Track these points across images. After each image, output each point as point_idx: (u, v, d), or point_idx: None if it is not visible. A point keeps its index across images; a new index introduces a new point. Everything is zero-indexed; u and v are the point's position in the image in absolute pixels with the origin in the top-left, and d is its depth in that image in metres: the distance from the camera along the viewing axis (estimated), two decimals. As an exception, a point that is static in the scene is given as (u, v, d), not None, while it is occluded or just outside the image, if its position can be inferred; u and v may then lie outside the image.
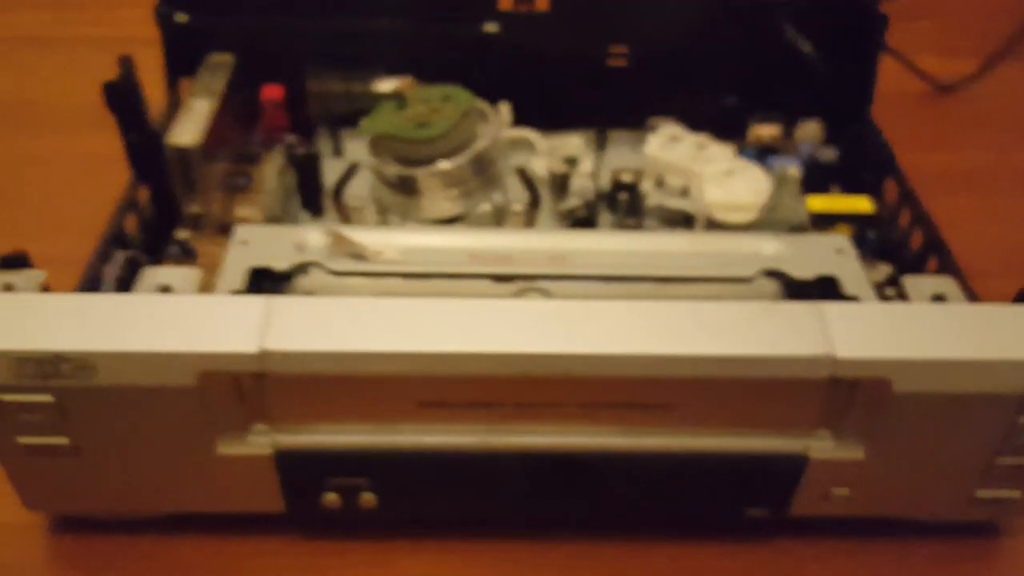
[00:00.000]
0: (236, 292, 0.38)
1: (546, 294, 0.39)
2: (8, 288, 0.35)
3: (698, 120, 0.54)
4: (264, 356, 0.32)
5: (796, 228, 0.46)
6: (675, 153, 0.50)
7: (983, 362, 0.33)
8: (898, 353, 0.33)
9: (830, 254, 0.40)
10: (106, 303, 0.34)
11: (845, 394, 0.34)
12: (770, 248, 0.41)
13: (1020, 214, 0.59)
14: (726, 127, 0.55)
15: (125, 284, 0.39)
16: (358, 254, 0.40)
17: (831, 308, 0.34)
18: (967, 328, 0.34)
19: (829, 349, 0.33)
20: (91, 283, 0.40)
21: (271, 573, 0.39)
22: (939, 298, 0.37)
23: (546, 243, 0.42)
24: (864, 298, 0.38)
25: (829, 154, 0.53)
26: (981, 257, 0.53)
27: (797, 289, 0.39)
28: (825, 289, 0.39)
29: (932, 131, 0.66)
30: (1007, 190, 0.61)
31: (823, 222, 0.47)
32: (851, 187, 0.52)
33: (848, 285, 0.38)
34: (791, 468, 0.36)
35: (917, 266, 0.45)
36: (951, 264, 0.43)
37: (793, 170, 0.48)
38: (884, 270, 0.45)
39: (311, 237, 0.41)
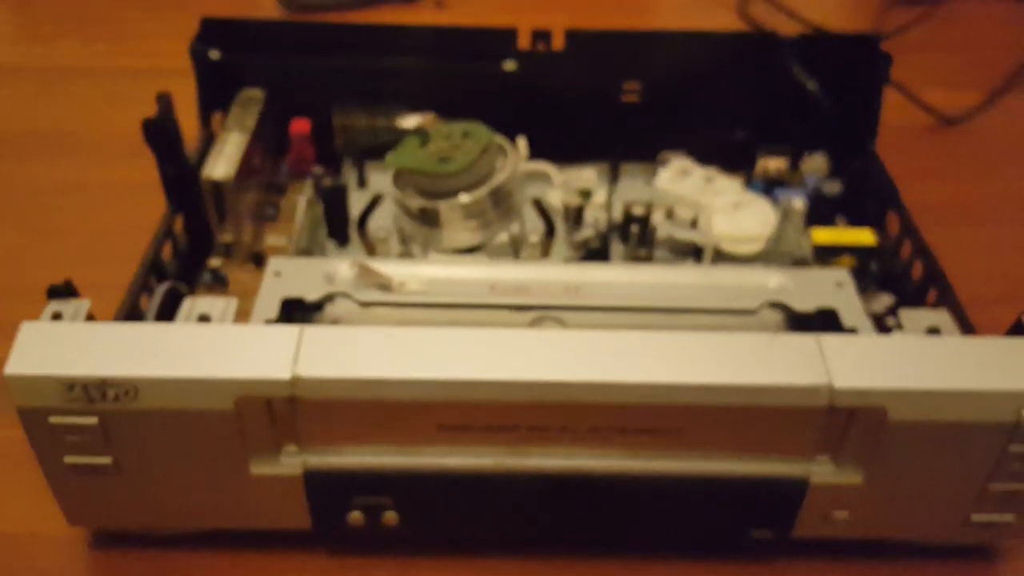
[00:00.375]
0: (270, 321, 0.40)
1: (561, 324, 0.42)
2: (56, 316, 0.37)
3: (707, 154, 0.57)
4: (296, 382, 0.35)
5: (800, 260, 0.48)
6: (685, 186, 0.53)
7: (974, 392, 0.35)
8: (893, 383, 0.35)
9: (831, 287, 0.42)
10: (149, 331, 0.36)
11: (843, 422, 0.36)
12: (774, 281, 0.43)
13: (1018, 244, 0.60)
14: (734, 160, 0.57)
15: (165, 312, 0.42)
16: (384, 285, 0.42)
17: (829, 340, 0.36)
18: (959, 360, 0.36)
19: (827, 379, 0.35)
20: (131, 310, 0.42)
21: (298, 586, 0.41)
22: (934, 330, 0.39)
23: (561, 275, 0.44)
24: (862, 330, 0.40)
25: (834, 187, 0.55)
26: (982, 286, 0.55)
27: (799, 321, 0.41)
28: (825, 321, 0.41)
29: (937, 163, 0.68)
30: (1009, 220, 0.62)
31: (827, 253, 0.49)
32: (856, 219, 0.54)
33: (847, 317, 0.40)
34: (793, 491, 0.38)
35: (918, 297, 0.47)
36: (950, 295, 0.44)
37: (798, 203, 0.50)
38: (886, 301, 0.47)
39: (340, 269, 0.43)
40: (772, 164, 0.57)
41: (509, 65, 0.55)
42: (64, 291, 0.39)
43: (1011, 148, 0.70)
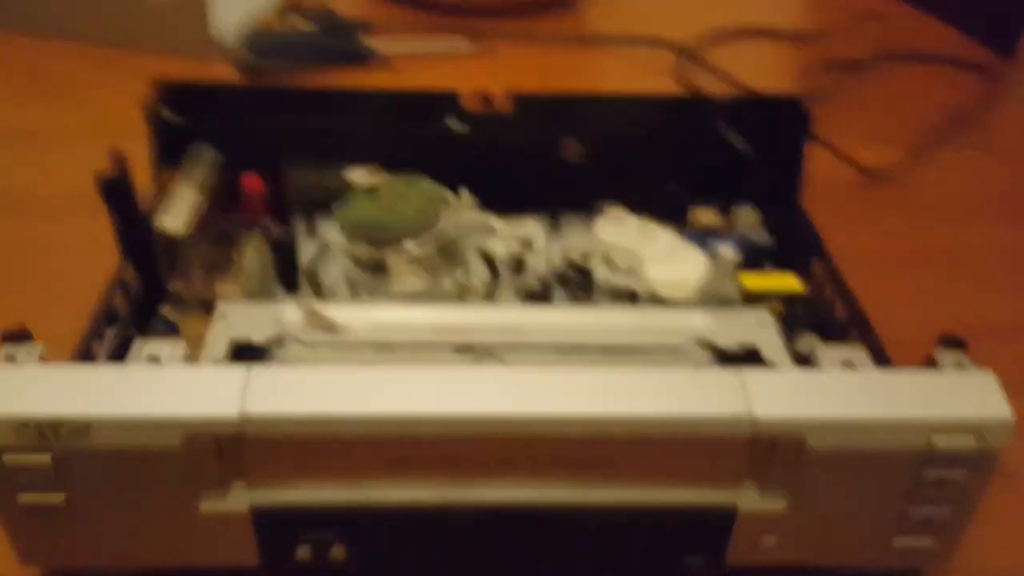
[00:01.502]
0: (218, 362, 0.41)
1: (501, 361, 0.43)
2: (10, 359, 0.39)
3: (643, 205, 0.59)
4: (244, 419, 0.36)
5: (729, 303, 0.50)
6: (622, 235, 0.55)
7: (887, 421, 0.37)
8: (810, 413, 0.37)
9: (753, 326, 0.44)
10: (100, 372, 0.38)
11: (765, 450, 0.38)
12: (700, 321, 0.45)
13: (940, 288, 0.64)
14: (669, 212, 0.60)
15: (116, 356, 0.43)
16: (330, 327, 0.44)
17: (751, 374, 0.38)
18: (873, 390, 0.38)
19: (748, 410, 0.37)
20: (84, 355, 0.43)
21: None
22: (848, 364, 0.42)
23: (502, 316, 0.46)
24: (782, 365, 0.42)
25: (763, 236, 0.57)
26: (903, 328, 0.58)
27: (724, 357, 0.44)
28: (748, 357, 0.43)
29: (864, 214, 0.71)
30: (931, 266, 0.66)
31: (757, 298, 0.52)
32: (783, 266, 0.57)
33: (768, 353, 0.43)
34: (722, 518, 0.40)
35: (841, 337, 0.49)
36: (870, 334, 0.47)
37: (728, 251, 0.52)
38: (810, 341, 0.50)
39: (287, 313, 0.45)
40: (704, 216, 0.59)
41: (454, 124, 0.57)
42: (18, 336, 0.40)
43: (934, 200, 0.74)
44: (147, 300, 0.51)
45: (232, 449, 0.38)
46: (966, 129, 0.84)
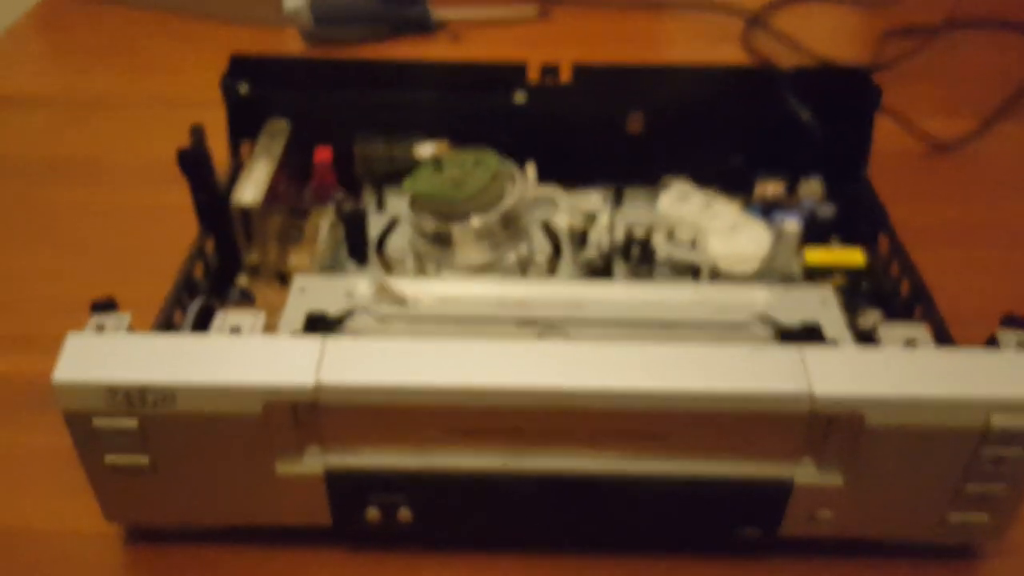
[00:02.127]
0: (295, 333, 0.43)
1: (564, 336, 0.45)
2: (100, 328, 0.41)
3: (707, 178, 0.60)
4: (319, 388, 0.38)
5: (791, 278, 0.51)
6: (685, 209, 0.56)
7: (946, 399, 0.38)
8: (869, 391, 0.38)
9: (815, 303, 0.45)
10: (185, 342, 0.40)
11: (824, 427, 0.39)
12: (762, 298, 0.46)
13: (1006, 265, 0.63)
14: (733, 185, 0.60)
15: (198, 325, 0.45)
16: (399, 301, 0.46)
17: (811, 351, 0.39)
18: (933, 369, 0.38)
19: (808, 387, 0.38)
20: (165, 323, 0.46)
21: (319, 579, 0.44)
22: (910, 342, 0.42)
23: (565, 291, 0.47)
24: (843, 343, 0.43)
25: (828, 210, 0.57)
26: (967, 305, 0.58)
27: (785, 334, 0.44)
28: (809, 334, 0.44)
29: (930, 187, 0.70)
30: (997, 243, 0.65)
31: (820, 272, 0.52)
32: (848, 240, 0.57)
33: (829, 331, 0.43)
34: (779, 492, 0.41)
35: (905, 313, 0.50)
36: (933, 311, 0.47)
37: (791, 225, 0.52)
38: (874, 317, 0.50)
39: (359, 286, 0.46)
40: (769, 188, 0.60)
41: (519, 97, 0.58)
42: (106, 305, 0.42)
43: (1002, 173, 0.72)
44: (224, 270, 0.53)
45: (308, 416, 0.39)
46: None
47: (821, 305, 0.45)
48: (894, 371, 0.38)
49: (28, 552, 0.45)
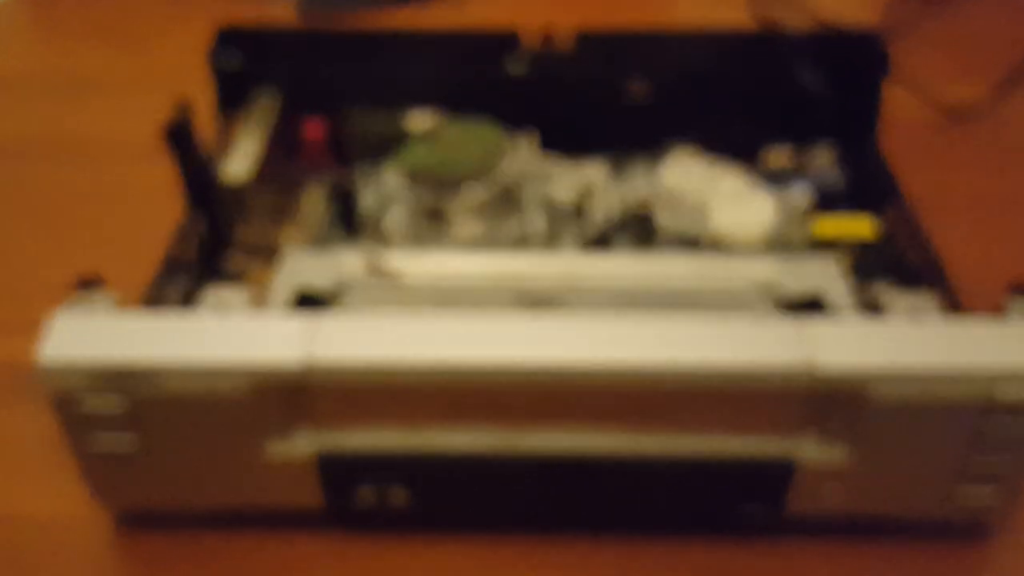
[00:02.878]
0: (284, 310, 0.42)
1: (560, 310, 0.44)
2: (84, 306, 0.40)
3: (713, 146, 0.58)
4: (308, 366, 0.37)
5: (797, 249, 0.49)
6: (688, 178, 0.54)
7: (950, 370, 0.36)
8: (872, 363, 0.36)
9: (818, 274, 0.44)
10: (169, 320, 0.39)
11: (826, 400, 0.38)
12: (765, 268, 0.44)
13: (1020, 236, 0.61)
14: (740, 153, 0.59)
15: (184, 302, 0.44)
16: (392, 276, 0.45)
17: (813, 322, 0.38)
18: (936, 340, 0.37)
19: (809, 358, 0.36)
20: (152, 301, 0.45)
21: (311, 563, 0.43)
22: (915, 313, 0.41)
23: (561, 264, 0.46)
24: (846, 313, 0.41)
25: (837, 178, 0.56)
26: (981, 274, 0.56)
27: (787, 305, 0.43)
28: (812, 306, 0.42)
29: (943, 155, 0.69)
30: (1012, 212, 0.63)
31: (828, 243, 0.51)
32: (858, 208, 0.55)
33: (833, 301, 0.42)
34: (782, 468, 0.40)
35: (916, 283, 0.48)
36: (944, 282, 0.46)
37: (799, 194, 0.51)
38: (882, 288, 0.49)
39: (349, 260, 0.45)
40: (777, 157, 0.58)
41: (515, 66, 0.57)
42: (92, 283, 0.41)
43: (1019, 141, 0.71)
44: (212, 246, 0.52)
45: (297, 394, 0.38)
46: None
47: (824, 275, 0.44)
48: (897, 342, 0.37)
49: (17, 537, 0.44)
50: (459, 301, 0.44)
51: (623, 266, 0.46)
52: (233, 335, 0.38)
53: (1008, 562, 0.43)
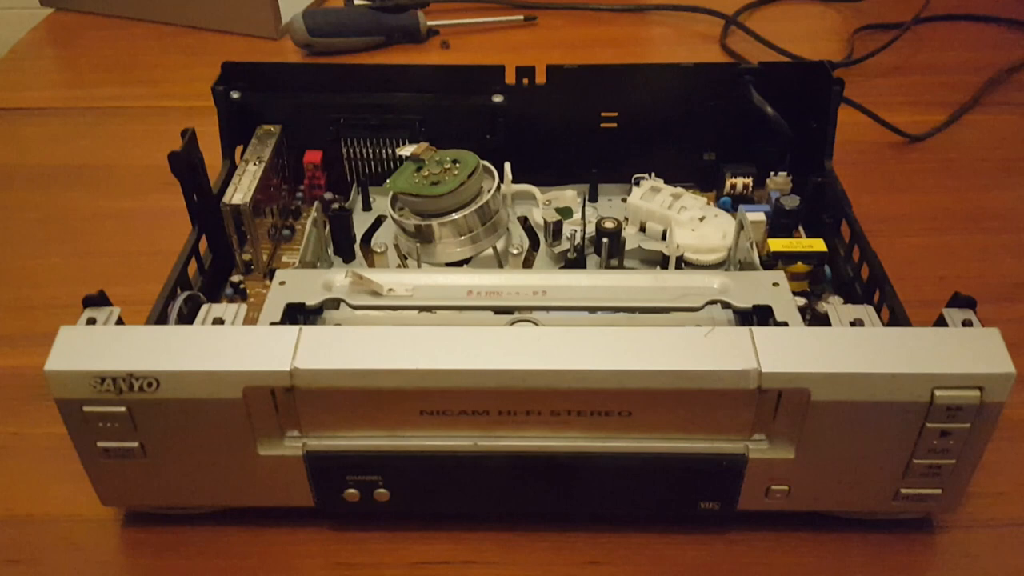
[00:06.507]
0: (274, 323, 0.46)
1: (531, 322, 0.47)
2: (91, 321, 0.43)
3: (680, 174, 0.62)
4: (294, 373, 0.40)
5: (752, 267, 0.53)
6: (654, 203, 0.58)
7: (888, 375, 0.39)
8: (814, 367, 0.40)
9: (768, 287, 0.47)
10: (169, 332, 0.42)
11: (774, 403, 0.41)
12: (718, 282, 0.48)
13: (969, 250, 0.65)
14: (705, 180, 0.63)
15: (186, 318, 0.47)
16: (375, 291, 0.48)
17: (760, 331, 0.41)
18: (876, 347, 0.40)
19: (756, 364, 0.40)
20: (159, 318, 0.48)
21: (303, 558, 0.46)
22: (857, 322, 0.44)
23: (532, 280, 0.49)
24: (792, 323, 0.45)
25: (794, 201, 0.59)
26: (931, 288, 0.60)
27: (739, 316, 0.46)
28: (761, 315, 0.46)
29: (898, 176, 0.72)
30: (962, 229, 0.67)
31: (785, 260, 0.54)
32: (813, 229, 0.59)
33: (780, 312, 0.45)
34: (734, 466, 0.43)
35: (865, 298, 0.52)
36: (891, 295, 0.49)
37: (752, 215, 0.54)
38: (831, 301, 0.52)
39: (336, 278, 0.49)
40: (739, 182, 0.62)
41: (497, 98, 0.60)
42: (98, 300, 0.44)
43: (971, 161, 0.74)
44: (217, 268, 0.56)
45: (286, 400, 0.42)
46: (1006, 89, 0.84)
47: (772, 288, 0.47)
48: (838, 348, 0.40)
49: (29, 535, 0.47)
50: (436, 314, 0.47)
51: (591, 281, 0.49)
52: (227, 346, 0.41)
53: (953, 553, 0.46)
